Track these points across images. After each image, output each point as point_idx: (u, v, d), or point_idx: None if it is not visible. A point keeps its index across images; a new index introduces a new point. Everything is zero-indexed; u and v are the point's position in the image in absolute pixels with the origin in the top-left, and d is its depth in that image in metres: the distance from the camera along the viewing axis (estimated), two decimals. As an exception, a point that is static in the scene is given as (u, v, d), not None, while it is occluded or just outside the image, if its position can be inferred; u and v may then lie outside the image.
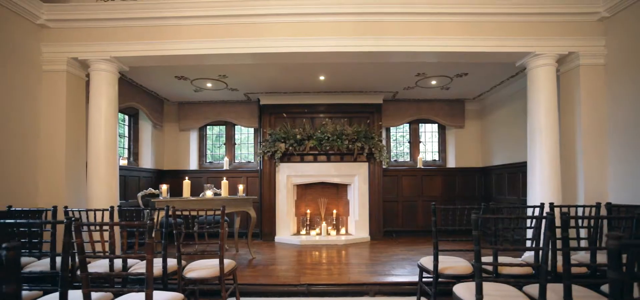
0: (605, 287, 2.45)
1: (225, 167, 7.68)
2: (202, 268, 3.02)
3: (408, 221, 7.43)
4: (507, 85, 6.48)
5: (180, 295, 2.33)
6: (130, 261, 3.26)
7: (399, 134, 8.24)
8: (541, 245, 2.87)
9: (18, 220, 2.64)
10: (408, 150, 8.14)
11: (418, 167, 7.67)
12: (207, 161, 8.15)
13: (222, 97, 7.28)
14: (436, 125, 8.07)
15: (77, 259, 2.22)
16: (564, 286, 1.98)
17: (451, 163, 7.89)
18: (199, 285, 3.18)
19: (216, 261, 3.08)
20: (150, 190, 6.05)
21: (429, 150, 8.15)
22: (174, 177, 7.38)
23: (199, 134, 8.07)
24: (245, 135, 8.14)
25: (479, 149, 7.82)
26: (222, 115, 7.67)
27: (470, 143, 7.84)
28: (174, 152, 7.85)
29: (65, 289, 1.96)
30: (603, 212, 3.79)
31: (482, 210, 3.10)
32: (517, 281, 2.62)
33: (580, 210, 3.79)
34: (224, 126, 8.12)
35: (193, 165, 7.87)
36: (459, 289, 2.40)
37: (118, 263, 3.11)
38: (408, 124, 8.02)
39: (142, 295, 2.09)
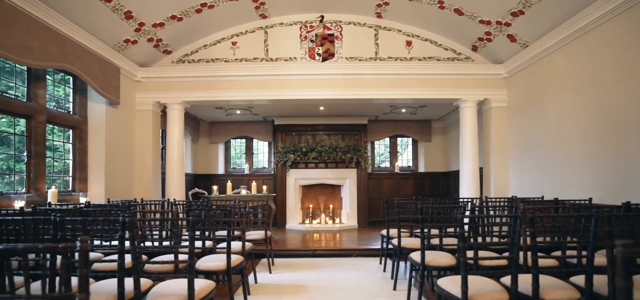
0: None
1: (246, 172, 9.89)
2: (255, 234, 5.24)
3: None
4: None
5: (251, 244, 4.53)
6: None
7: (381, 146, 10.48)
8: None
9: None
10: (388, 159, 10.39)
11: (396, 172, 9.90)
12: (231, 167, 10.37)
13: (244, 118, 9.50)
14: (410, 139, 10.32)
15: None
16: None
17: (422, 168, 10.14)
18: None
19: (263, 231, 5.30)
20: (196, 190, 8.28)
21: (404, 159, 10.41)
22: (206, 180, 9.59)
23: (225, 146, 10.28)
24: (261, 146, 10.37)
25: (443, 158, 10.08)
26: (244, 131, 9.89)
27: (436, 153, 10.10)
28: (206, 160, 10.06)
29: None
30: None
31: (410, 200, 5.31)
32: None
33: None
34: (245, 140, 10.33)
35: (221, 170, 10.08)
36: (392, 241, 4.63)
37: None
38: (388, 138, 10.27)
39: (239, 243, 4.30)
